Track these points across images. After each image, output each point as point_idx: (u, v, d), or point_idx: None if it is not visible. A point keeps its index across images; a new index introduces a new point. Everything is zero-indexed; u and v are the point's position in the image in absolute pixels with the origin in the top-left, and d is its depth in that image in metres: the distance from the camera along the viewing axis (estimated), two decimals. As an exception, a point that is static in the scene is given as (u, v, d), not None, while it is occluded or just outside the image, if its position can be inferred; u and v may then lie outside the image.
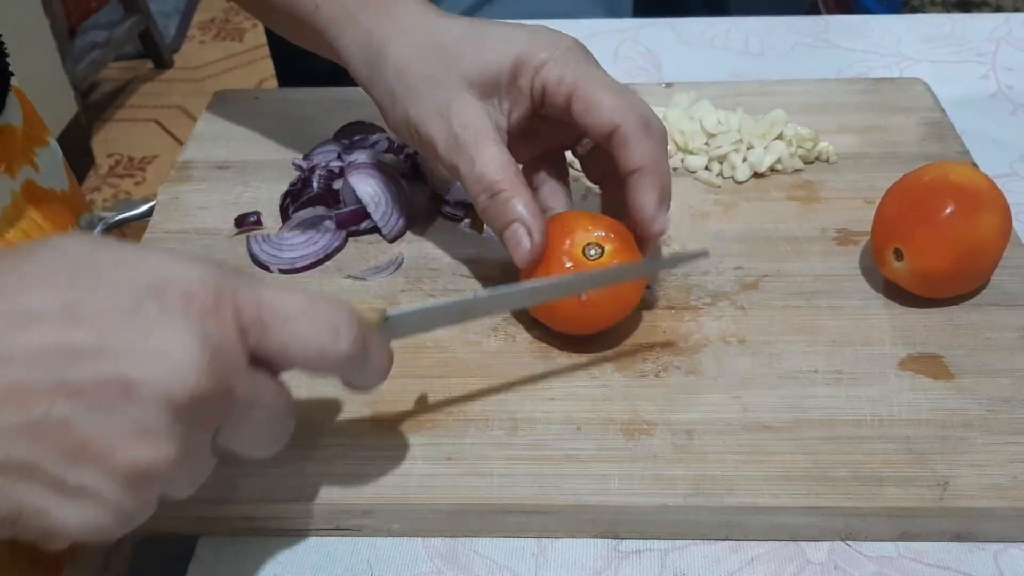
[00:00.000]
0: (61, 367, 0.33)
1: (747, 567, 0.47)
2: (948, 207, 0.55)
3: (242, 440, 0.39)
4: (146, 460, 0.34)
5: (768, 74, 0.86)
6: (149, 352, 0.34)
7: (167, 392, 0.33)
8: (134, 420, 0.33)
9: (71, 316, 0.33)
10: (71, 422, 0.33)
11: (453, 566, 0.47)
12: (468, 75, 0.53)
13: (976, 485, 0.47)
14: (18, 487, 0.33)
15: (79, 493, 0.34)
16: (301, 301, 0.39)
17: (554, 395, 0.53)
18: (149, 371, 0.33)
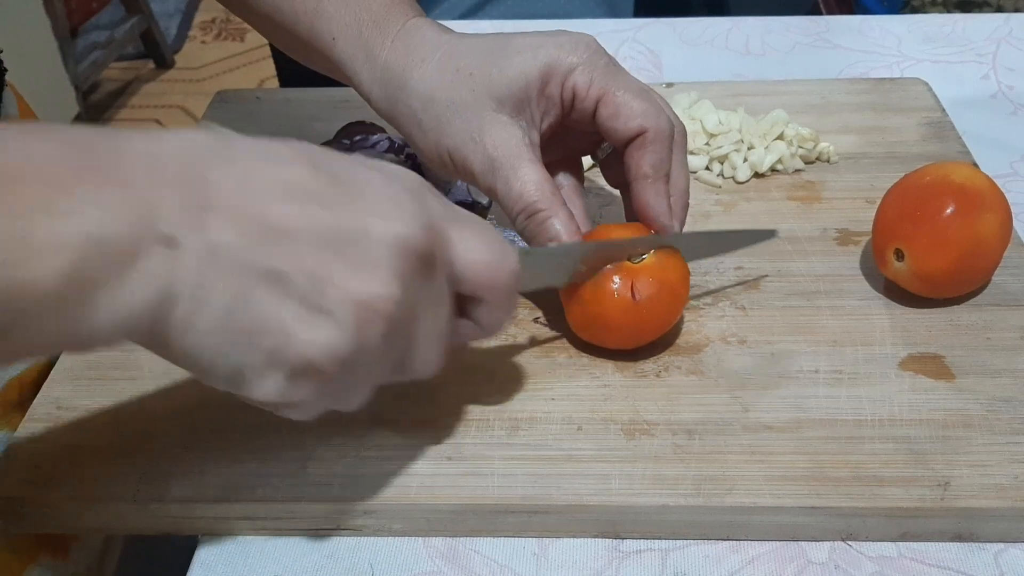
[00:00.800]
0: (312, 204, 0.37)
1: (748, 567, 0.47)
2: (949, 207, 0.55)
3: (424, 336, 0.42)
4: (376, 291, 0.38)
5: (769, 74, 0.86)
6: (383, 207, 0.39)
7: (398, 239, 0.38)
8: (370, 257, 0.38)
9: (316, 166, 0.38)
10: (320, 249, 0.37)
11: (454, 566, 0.47)
12: (497, 95, 0.53)
13: (977, 485, 0.47)
14: (272, 296, 0.36)
15: (320, 312, 0.37)
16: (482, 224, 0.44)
17: (555, 395, 0.53)
18: (384, 221, 0.38)
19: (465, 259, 0.42)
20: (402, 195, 0.40)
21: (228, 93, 0.80)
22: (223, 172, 0.37)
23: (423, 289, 0.41)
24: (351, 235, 0.38)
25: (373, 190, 0.39)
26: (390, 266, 0.38)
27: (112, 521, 0.49)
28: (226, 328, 0.36)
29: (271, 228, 0.37)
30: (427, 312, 0.42)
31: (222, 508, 0.48)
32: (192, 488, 0.48)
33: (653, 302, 0.52)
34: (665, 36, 0.92)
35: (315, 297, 0.37)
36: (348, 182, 0.39)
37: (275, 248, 0.36)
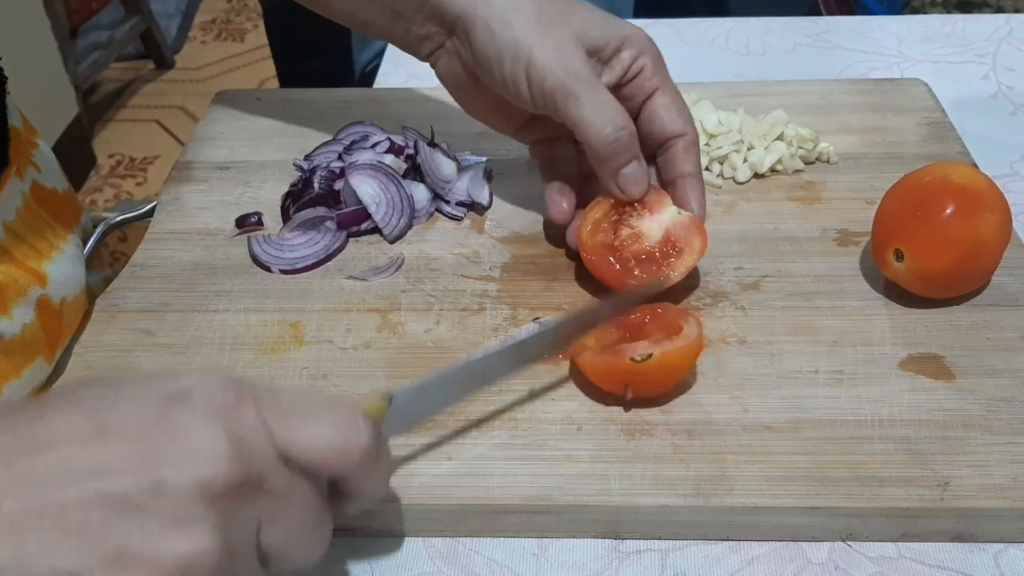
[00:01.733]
0: (92, 480, 0.34)
1: (747, 567, 0.47)
2: (949, 207, 0.55)
3: (283, 542, 0.39)
4: (187, 552, 0.34)
5: (769, 75, 0.86)
6: (177, 450, 0.35)
7: (198, 481, 0.34)
8: (171, 515, 0.34)
9: (97, 432, 0.35)
10: (109, 528, 0.33)
11: (454, 566, 0.47)
12: (586, 29, 0.56)
13: (976, 485, 0.47)
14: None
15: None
16: (318, 399, 0.40)
17: (554, 395, 0.53)
18: (178, 468, 0.35)
19: (309, 451, 0.39)
20: (200, 428, 0.36)
21: (228, 93, 0.80)
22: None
23: (257, 508, 0.37)
24: (143, 497, 0.34)
25: (166, 434, 0.36)
26: (196, 515, 0.35)
27: (112, 521, 0.49)
28: None
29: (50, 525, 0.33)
30: (276, 520, 0.38)
31: (222, 508, 0.48)
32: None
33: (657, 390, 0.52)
34: (665, 36, 0.92)
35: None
36: (136, 435, 0.35)
37: (58, 547, 0.33)
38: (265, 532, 0.38)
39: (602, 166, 0.57)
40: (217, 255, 0.63)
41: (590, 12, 0.58)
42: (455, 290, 0.60)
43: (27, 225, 0.57)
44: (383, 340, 0.56)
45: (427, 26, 0.59)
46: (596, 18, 0.58)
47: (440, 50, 0.60)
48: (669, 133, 0.59)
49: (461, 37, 0.58)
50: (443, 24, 0.59)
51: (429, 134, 0.69)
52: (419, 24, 0.59)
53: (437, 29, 0.59)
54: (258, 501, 0.37)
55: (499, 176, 0.69)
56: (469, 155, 0.69)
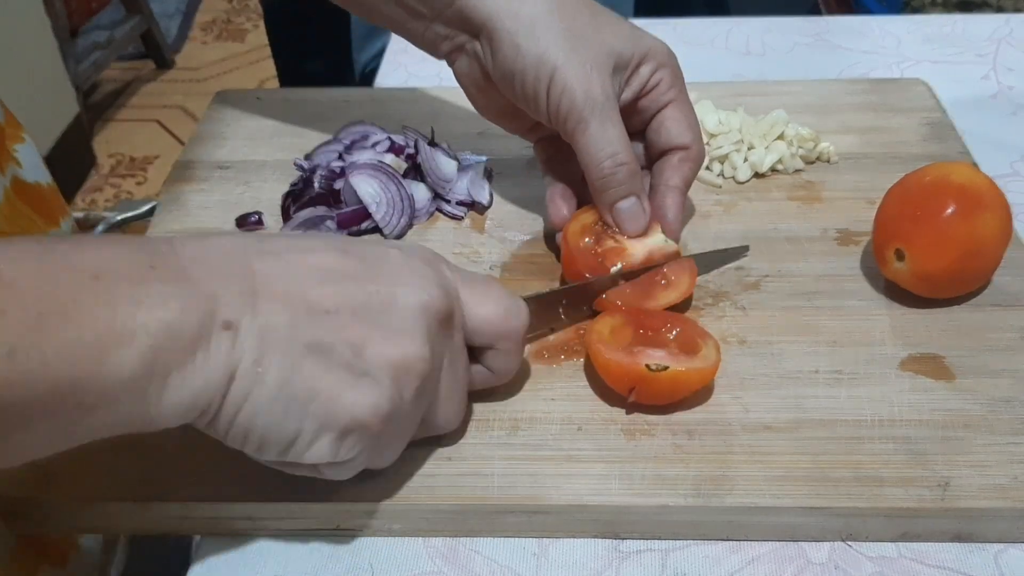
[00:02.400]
0: (345, 282, 0.43)
1: (748, 567, 0.47)
2: (949, 207, 0.55)
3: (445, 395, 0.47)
4: (410, 352, 0.43)
5: (769, 74, 0.86)
6: (405, 277, 0.44)
7: (422, 304, 0.44)
8: (400, 322, 0.43)
9: (345, 251, 0.44)
10: (356, 320, 0.42)
11: (454, 566, 0.47)
12: (613, 45, 0.56)
13: (977, 485, 0.47)
14: (320, 365, 0.41)
15: (363, 375, 0.42)
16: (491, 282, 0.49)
17: (555, 395, 0.53)
18: (408, 289, 0.44)
19: (479, 315, 0.47)
20: (419, 266, 0.45)
21: (228, 93, 0.80)
22: (266, 263, 0.42)
23: (445, 346, 0.46)
24: (381, 306, 0.43)
25: (395, 265, 0.45)
26: (418, 329, 0.43)
27: (112, 521, 0.49)
28: (281, 398, 0.41)
29: (313, 307, 0.41)
30: (449, 365, 0.46)
31: (222, 508, 0.48)
32: (192, 488, 0.48)
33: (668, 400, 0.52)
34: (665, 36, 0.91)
35: (356, 363, 0.42)
36: (373, 261, 0.44)
37: (318, 324, 0.41)
38: (442, 374, 0.46)
39: (597, 197, 0.58)
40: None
41: (617, 26, 0.58)
42: (455, 290, 0.60)
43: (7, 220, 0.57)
44: (383, 340, 0.56)
45: (449, 28, 0.59)
46: (623, 32, 0.57)
47: (459, 51, 0.60)
48: (673, 144, 0.59)
49: (484, 44, 0.57)
50: (467, 28, 0.58)
51: (429, 134, 0.69)
52: (441, 25, 0.59)
53: (459, 32, 0.59)
54: (447, 341, 0.46)
55: (499, 176, 0.69)
56: (469, 155, 0.69)
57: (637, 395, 0.50)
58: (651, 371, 0.49)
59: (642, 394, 0.50)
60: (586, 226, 0.59)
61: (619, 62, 0.57)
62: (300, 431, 0.42)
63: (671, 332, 0.53)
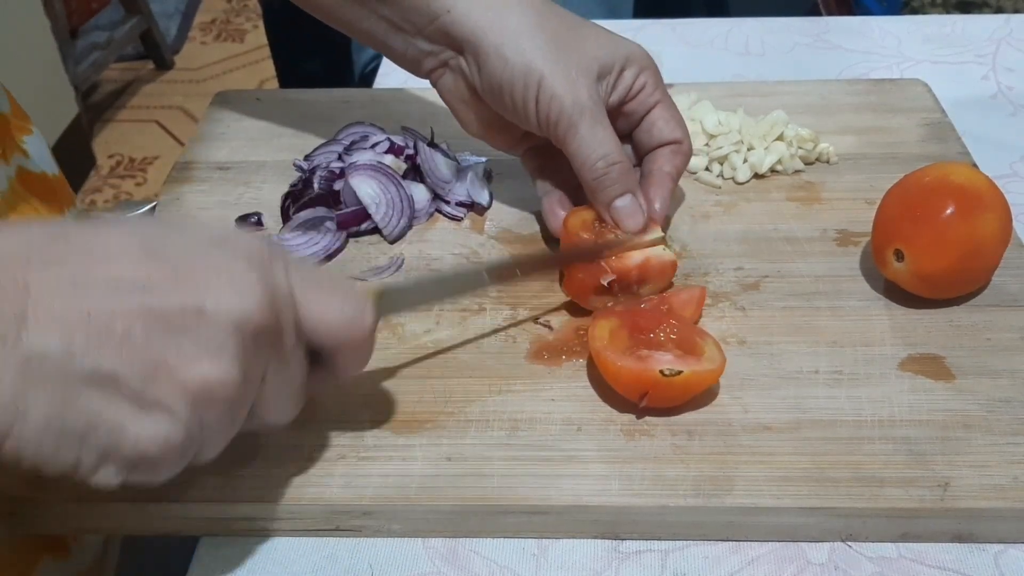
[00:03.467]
0: (141, 294, 0.37)
1: (747, 567, 0.47)
2: (948, 208, 0.55)
3: (272, 398, 0.42)
4: (214, 377, 0.38)
5: (769, 75, 0.86)
6: (220, 285, 0.39)
7: (235, 318, 0.38)
8: (205, 341, 0.38)
9: (149, 254, 0.38)
10: (150, 341, 0.37)
11: (453, 566, 0.47)
12: (596, 53, 0.57)
13: (976, 486, 0.47)
14: (101, 397, 0.36)
15: (154, 406, 0.37)
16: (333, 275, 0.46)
17: (554, 396, 0.53)
18: (220, 300, 0.38)
19: (318, 320, 0.43)
20: (242, 269, 0.40)
21: (228, 94, 0.80)
22: (47, 275, 0.36)
23: (269, 357, 0.41)
24: (184, 322, 0.37)
25: (210, 270, 0.39)
26: (226, 347, 0.38)
27: (112, 522, 0.49)
28: (51, 433, 0.36)
29: (96, 329, 0.36)
30: (275, 376, 0.42)
31: (222, 508, 0.48)
32: (192, 488, 0.48)
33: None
34: (665, 37, 0.92)
35: (148, 391, 0.37)
36: (183, 265, 0.39)
37: (100, 349, 0.36)
38: (265, 383, 0.41)
39: (593, 197, 0.58)
40: (217, 255, 0.63)
41: (598, 34, 0.59)
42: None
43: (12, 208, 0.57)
44: (383, 340, 0.56)
45: (432, 44, 0.59)
46: (604, 40, 0.58)
47: (443, 68, 0.60)
48: (665, 140, 0.60)
49: (469, 58, 0.58)
50: (451, 44, 0.58)
51: (429, 134, 0.69)
52: (423, 41, 0.59)
53: (443, 48, 0.59)
54: (271, 352, 0.41)
55: (499, 176, 0.69)
56: (469, 155, 0.69)
57: (649, 400, 0.50)
58: (665, 376, 0.49)
59: (654, 399, 0.50)
60: (586, 221, 0.59)
61: (603, 68, 0.57)
62: (79, 461, 0.37)
63: (670, 332, 0.53)
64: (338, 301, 0.43)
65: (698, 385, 0.50)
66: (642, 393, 0.50)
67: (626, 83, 0.59)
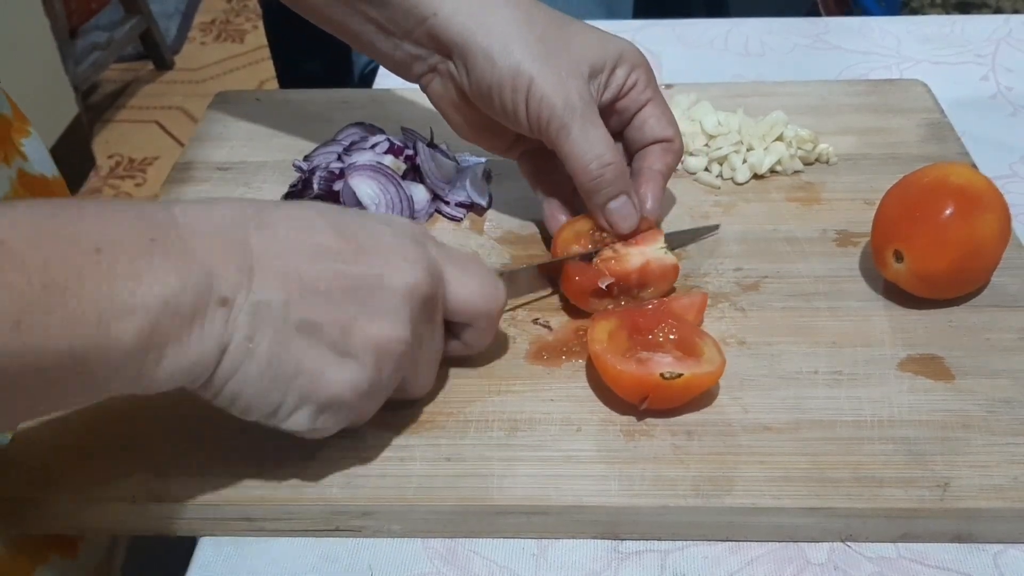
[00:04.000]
0: (335, 262, 0.44)
1: (747, 568, 0.47)
2: (948, 208, 0.55)
3: (420, 367, 0.49)
4: (394, 334, 0.45)
5: (768, 75, 0.86)
6: (395, 259, 0.46)
7: (407, 286, 0.45)
8: (385, 304, 0.45)
9: (338, 230, 0.45)
10: (345, 300, 0.44)
11: (453, 567, 0.47)
12: (585, 52, 0.57)
13: (976, 486, 0.47)
14: (308, 344, 0.43)
15: (347, 355, 0.44)
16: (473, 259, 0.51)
17: (554, 396, 0.53)
18: (396, 272, 0.45)
19: (460, 295, 0.49)
20: (408, 247, 0.47)
21: (228, 94, 0.80)
22: (264, 239, 0.43)
23: (426, 325, 0.48)
24: (370, 288, 0.44)
25: (386, 246, 0.46)
26: (401, 311, 0.45)
27: (112, 522, 0.49)
28: (268, 371, 0.43)
29: (306, 286, 0.43)
30: (427, 343, 0.49)
31: (222, 508, 0.48)
32: (192, 488, 0.48)
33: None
34: (664, 37, 0.92)
35: (342, 342, 0.44)
36: (366, 241, 0.46)
37: (310, 303, 0.43)
38: (420, 350, 0.48)
39: (588, 199, 0.58)
40: (216, 256, 0.63)
41: (586, 33, 0.58)
42: (454, 291, 0.60)
43: None
44: (382, 341, 0.56)
45: (420, 47, 0.59)
46: (593, 39, 0.58)
47: (432, 73, 0.60)
48: (656, 138, 0.60)
49: (458, 62, 0.58)
50: (439, 48, 0.58)
51: (428, 135, 0.69)
52: (411, 44, 0.59)
53: (431, 52, 0.59)
54: (428, 319, 0.48)
55: (499, 176, 0.69)
56: (468, 155, 0.69)
57: (650, 403, 0.50)
58: (666, 380, 0.49)
59: (654, 401, 0.50)
60: (580, 233, 0.59)
61: (594, 68, 0.57)
62: (283, 402, 0.44)
63: (669, 333, 0.53)
64: (477, 279, 0.50)
65: (698, 387, 0.50)
66: (643, 396, 0.50)
67: (618, 81, 0.59)
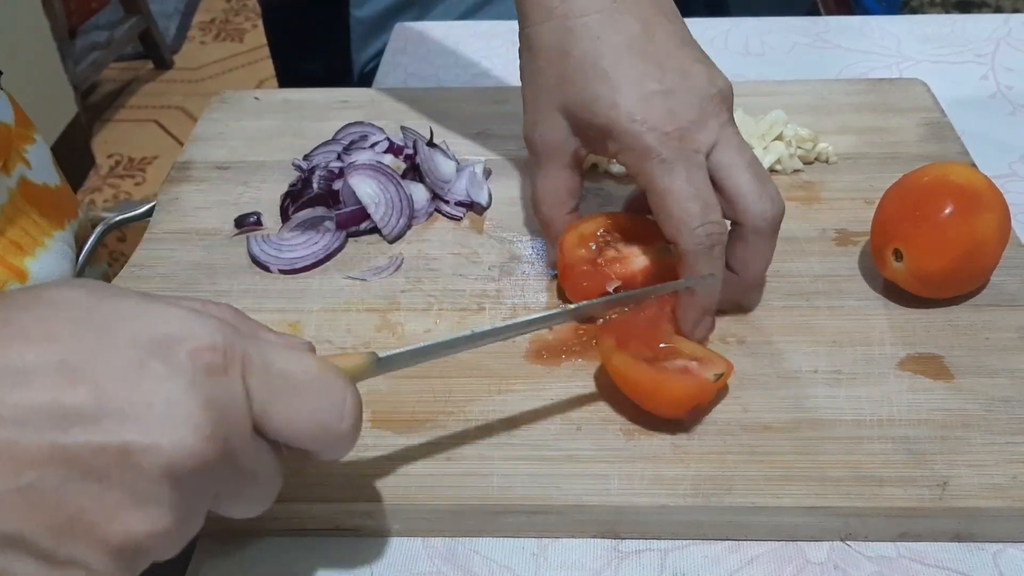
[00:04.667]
0: (55, 430, 0.31)
1: (747, 567, 0.47)
2: (947, 208, 0.55)
3: (234, 504, 0.38)
4: (141, 532, 0.32)
5: (768, 75, 0.86)
6: (151, 416, 0.32)
7: (168, 460, 0.32)
8: (131, 490, 0.32)
9: (68, 374, 0.32)
10: (63, 491, 0.31)
11: (453, 566, 0.47)
12: (568, 103, 0.54)
13: (975, 485, 0.47)
14: (3, 557, 0.31)
15: (68, 565, 0.32)
16: (309, 371, 0.37)
17: (554, 395, 0.53)
18: (150, 437, 0.32)
19: (284, 427, 0.37)
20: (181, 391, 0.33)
21: (227, 94, 0.80)
22: None
23: (220, 482, 0.36)
24: (107, 463, 0.31)
25: (143, 390, 0.32)
26: (158, 494, 0.32)
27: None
28: None
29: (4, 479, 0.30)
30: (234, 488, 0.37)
31: (221, 508, 0.48)
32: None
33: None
34: (664, 36, 0.92)
35: (61, 551, 0.31)
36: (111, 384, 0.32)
37: (10, 507, 0.30)
38: (218, 501, 0.37)
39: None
40: (216, 255, 0.63)
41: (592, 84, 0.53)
42: (454, 290, 0.60)
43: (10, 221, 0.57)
44: (382, 340, 0.56)
45: None
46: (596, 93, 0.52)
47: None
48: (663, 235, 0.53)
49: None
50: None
51: (428, 134, 0.69)
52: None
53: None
54: (223, 476, 0.35)
55: (498, 176, 0.69)
56: (468, 155, 0.69)
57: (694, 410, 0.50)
58: (715, 382, 0.49)
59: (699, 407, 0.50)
60: (584, 236, 0.58)
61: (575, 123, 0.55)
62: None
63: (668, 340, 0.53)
64: (309, 404, 0.37)
65: (725, 382, 0.51)
66: (693, 404, 0.50)
67: (606, 152, 0.54)
